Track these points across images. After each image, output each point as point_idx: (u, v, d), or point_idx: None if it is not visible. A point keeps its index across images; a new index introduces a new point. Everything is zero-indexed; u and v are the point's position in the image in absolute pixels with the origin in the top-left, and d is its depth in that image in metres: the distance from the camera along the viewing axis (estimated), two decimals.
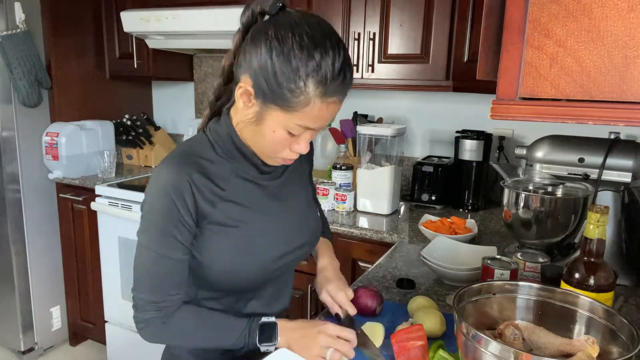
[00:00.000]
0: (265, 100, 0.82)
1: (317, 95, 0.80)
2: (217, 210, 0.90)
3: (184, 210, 0.86)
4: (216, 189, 0.90)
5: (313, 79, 0.78)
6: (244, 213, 0.93)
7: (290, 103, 0.80)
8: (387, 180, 2.00)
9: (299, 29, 0.79)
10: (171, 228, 0.87)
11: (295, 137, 0.87)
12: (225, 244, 0.92)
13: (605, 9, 0.65)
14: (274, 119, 0.84)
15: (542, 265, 1.23)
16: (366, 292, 1.13)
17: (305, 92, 0.79)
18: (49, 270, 2.74)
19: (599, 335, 0.82)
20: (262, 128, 0.86)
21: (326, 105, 0.82)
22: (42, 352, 2.76)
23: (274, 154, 0.90)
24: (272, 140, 0.87)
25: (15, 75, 2.40)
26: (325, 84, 0.79)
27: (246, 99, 0.85)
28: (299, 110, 0.81)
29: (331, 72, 0.79)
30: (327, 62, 0.78)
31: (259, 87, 0.82)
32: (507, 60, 0.73)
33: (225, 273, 0.93)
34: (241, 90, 0.85)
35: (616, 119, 0.68)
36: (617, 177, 1.34)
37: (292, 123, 0.83)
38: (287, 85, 0.79)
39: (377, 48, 2.08)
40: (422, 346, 0.92)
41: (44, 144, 2.56)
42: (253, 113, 0.86)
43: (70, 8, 2.63)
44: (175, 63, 2.89)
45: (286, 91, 0.79)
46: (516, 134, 2.23)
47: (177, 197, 0.85)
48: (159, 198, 0.87)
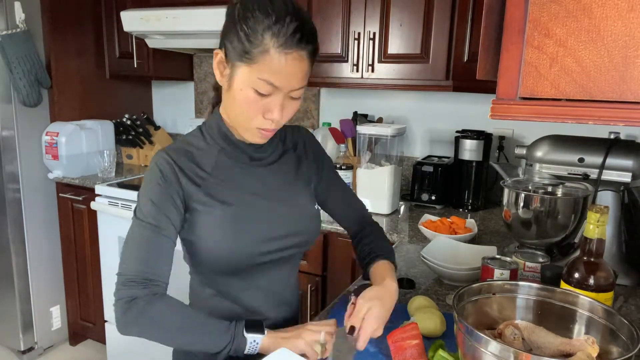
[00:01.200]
0: (233, 59, 0.89)
1: (273, 45, 0.85)
2: (201, 190, 0.96)
3: (172, 190, 0.93)
4: (201, 172, 0.97)
5: (269, 31, 0.85)
6: (229, 194, 0.98)
7: (250, 54, 0.86)
8: (387, 180, 2.00)
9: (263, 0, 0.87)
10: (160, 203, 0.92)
11: (266, 101, 0.90)
12: (211, 222, 0.96)
13: (605, 8, 0.65)
14: (240, 76, 0.89)
15: (542, 265, 1.23)
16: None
17: (263, 43, 0.85)
18: (48, 270, 2.74)
19: (598, 335, 0.82)
20: (233, 90, 0.91)
21: (284, 58, 0.86)
22: (42, 351, 2.76)
23: (247, 121, 0.93)
24: (242, 102, 0.90)
25: (15, 75, 2.40)
26: (280, 35, 0.85)
27: (222, 67, 0.93)
28: (259, 62, 0.86)
29: (286, 28, 0.85)
30: (284, 20, 0.85)
31: (228, 50, 0.90)
32: (507, 60, 0.73)
33: (213, 251, 0.96)
34: (217, 59, 0.93)
35: (616, 119, 0.68)
36: (617, 177, 1.34)
37: (255, 77, 0.87)
38: (246, 38, 0.86)
39: (377, 48, 2.08)
40: (418, 345, 0.92)
41: (43, 144, 2.56)
42: (227, 79, 0.92)
43: (70, 8, 2.63)
44: (175, 63, 2.89)
45: (246, 42, 0.86)
46: (516, 134, 2.23)
47: (163, 178, 0.93)
48: (150, 178, 0.94)
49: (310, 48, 0.89)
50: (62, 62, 2.64)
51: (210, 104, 1.08)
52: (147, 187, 0.94)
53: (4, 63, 2.40)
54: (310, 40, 0.89)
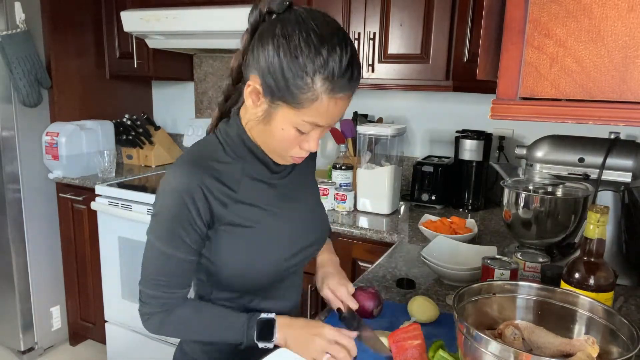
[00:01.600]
0: (274, 98, 0.83)
1: (324, 91, 0.80)
2: (229, 212, 0.91)
3: (196, 213, 0.88)
4: (228, 190, 0.91)
5: (320, 75, 0.78)
6: (256, 213, 0.95)
7: (298, 100, 0.80)
8: (387, 180, 2.00)
9: (305, 25, 0.79)
10: (180, 229, 0.88)
11: (305, 134, 0.87)
12: (238, 245, 0.93)
13: (605, 9, 0.65)
14: (283, 117, 0.84)
15: (542, 265, 1.23)
16: (364, 294, 1.12)
17: (312, 89, 0.79)
18: (49, 270, 2.74)
19: (599, 335, 0.82)
20: (271, 126, 0.87)
21: (334, 102, 0.82)
22: (42, 351, 2.76)
23: (284, 152, 0.91)
24: (281, 139, 0.87)
25: (15, 75, 2.40)
26: (333, 80, 0.79)
27: (255, 97, 0.86)
28: (307, 107, 0.81)
29: (338, 68, 0.79)
30: (335, 58, 0.78)
31: (267, 85, 0.82)
32: (507, 60, 0.73)
33: (238, 274, 0.95)
34: (250, 89, 0.85)
35: (616, 119, 0.68)
36: (617, 177, 1.34)
37: (301, 120, 0.83)
38: (294, 81, 0.79)
39: (377, 48, 2.08)
40: (420, 345, 0.92)
41: (44, 144, 2.56)
42: (262, 111, 0.86)
43: (70, 8, 2.63)
44: (175, 63, 2.89)
45: (293, 88, 0.79)
46: (516, 134, 2.23)
47: (190, 201, 0.87)
48: (171, 200, 0.88)
49: (358, 82, 0.85)
50: (62, 62, 2.64)
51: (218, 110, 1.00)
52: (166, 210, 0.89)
53: (4, 63, 2.40)
54: (359, 75, 0.84)
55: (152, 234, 0.91)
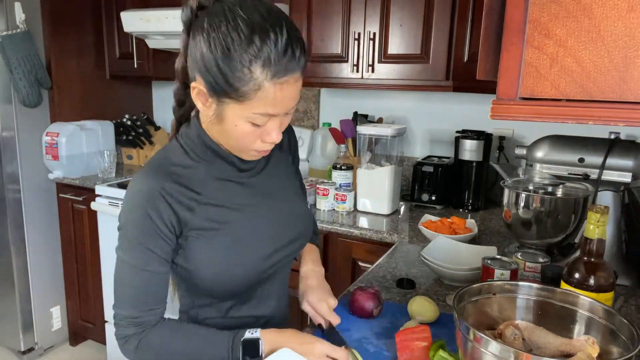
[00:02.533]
0: (219, 96, 0.79)
1: (265, 79, 0.76)
2: (196, 215, 0.88)
3: (160, 221, 0.84)
4: (192, 194, 0.88)
5: (257, 63, 0.75)
6: (225, 214, 0.91)
7: (241, 93, 0.77)
8: (387, 180, 2.00)
9: (232, 14, 0.75)
10: (147, 241, 0.85)
11: (263, 127, 0.83)
12: (211, 249, 0.89)
13: (605, 9, 0.65)
14: (232, 113, 0.81)
15: (542, 265, 1.23)
16: (364, 294, 1.12)
17: (252, 79, 0.76)
18: (49, 270, 2.74)
19: (599, 335, 0.82)
20: (225, 125, 0.83)
21: (280, 87, 0.77)
22: (42, 352, 2.76)
23: (246, 148, 0.87)
24: (238, 136, 0.84)
25: (15, 75, 2.40)
26: (271, 65, 0.75)
27: (203, 99, 0.83)
28: (253, 99, 0.77)
29: (275, 52, 0.75)
30: (268, 43, 0.74)
31: (210, 85, 0.79)
32: (507, 60, 0.73)
33: (215, 278, 0.91)
34: (195, 92, 0.83)
35: (616, 119, 0.68)
36: (617, 177, 1.34)
37: (251, 113, 0.80)
38: (232, 75, 0.76)
39: (377, 48, 2.08)
40: (427, 347, 0.92)
41: (44, 144, 2.56)
42: (212, 111, 0.83)
43: (70, 8, 2.63)
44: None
45: (233, 81, 0.76)
46: (516, 134, 2.23)
47: (151, 209, 0.84)
48: (133, 211, 0.85)
49: (303, 62, 0.79)
50: (62, 62, 2.64)
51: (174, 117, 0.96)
52: (132, 223, 0.85)
53: (4, 63, 2.40)
54: (302, 54, 0.79)
55: (120, 250, 0.88)
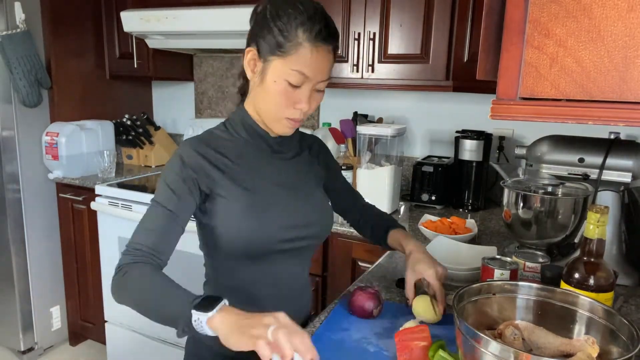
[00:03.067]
0: (266, 54, 0.97)
1: (305, 39, 0.94)
2: (225, 176, 1.00)
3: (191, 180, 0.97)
4: (225, 160, 1.02)
5: (302, 27, 0.94)
6: (252, 181, 1.03)
7: (284, 47, 0.94)
8: (387, 180, 2.00)
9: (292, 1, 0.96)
10: (175, 186, 0.97)
11: (296, 91, 0.97)
12: (235, 208, 0.99)
13: (605, 9, 0.65)
14: (275, 70, 0.96)
15: (542, 265, 1.23)
16: (364, 294, 1.12)
17: (295, 37, 0.94)
18: (49, 270, 2.74)
19: (599, 335, 0.82)
20: (266, 84, 0.98)
21: (316, 51, 0.95)
22: (42, 352, 2.76)
23: (279, 112, 0.99)
24: (275, 94, 0.97)
25: (15, 75, 2.40)
26: (312, 32, 0.94)
27: (252, 64, 1.00)
28: (292, 54, 0.94)
29: (317, 25, 0.94)
30: (314, 18, 0.95)
31: (261, 46, 0.97)
32: (507, 60, 0.73)
33: (235, 235, 0.99)
34: (249, 56, 1.00)
35: (616, 119, 0.68)
36: (617, 177, 1.34)
37: (289, 69, 0.95)
38: (280, 33, 0.94)
39: (377, 48, 2.08)
40: (426, 347, 0.92)
41: (43, 144, 2.56)
42: (259, 74, 0.99)
43: (70, 8, 2.63)
44: (175, 63, 2.89)
45: (279, 37, 0.94)
46: (516, 134, 2.23)
47: (186, 166, 0.98)
48: (172, 169, 0.99)
49: (335, 44, 0.99)
50: (62, 62, 2.64)
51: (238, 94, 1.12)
52: (167, 173, 0.99)
53: (4, 63, 2.40)
54: (335, 37, 0.99)
55: (153, 198, 0.99)
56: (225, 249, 1.02)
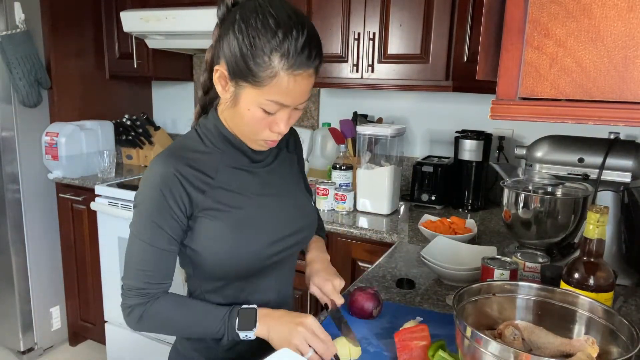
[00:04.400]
0: (238, 79, 0.87)
1: (282, 68, 0.83)
2: (207, 197, 0.93)
3: (172, 202, 0.90)
4: (205, 177, 0.94)
5: (277, 53, 0.83)
6: (235, 198, 0.97)
7: (258, 78, 0.84)
8: (387, 180, 2.00)
9: (262, 10, 0.84)
10: (160, 219, 0.91)
11: (273, 116, 0.89)
12: (218, 228, 0.94)
13: (605, 9, 0.65)
14: (248, 97, 0.88)
15: (541, 265, 1.23)
16: (363, 295, 1.12)
17: (270, 66, 0.83)
18: (48, 270, 2.74)
19: (598, 335, 0.82)
20: (239, 108, 0.90)
21: (294, 79, 0.85)
22: (41, 352, 2.76)
23: (255, 135, 0.93)
24: (249, 120, 0.90)
25: (15, 75, 2.40)
26: (289, 57, 0.83)
27: (223, 82, 0.90)
28: (268, 85, 0.85)
29: (294, 47, 0.83)
30: (290, 38, 0.83)
31: (231, 68, 0.87)
32: (507, 60, 0.73)
33: (221, 259, 0.95)
34: (217, 74, 0.90)
35: (616, 119, 0.68)
36: (617, 177, 1.34)
37: (264, 99, 0.86)
38: (253, 60, 0.83)
39: (377, 48, 2.08)
40: (425, 346, 0.92)
41: (43, 144, 2.56)
42: (230, 94, 0.90)
43: (70, 8, 2.63)
44: (175, 63, 2.89)
45: (253, 66, 0.84)
46: (516, 134, 2.23)
47: (165, 190, 0.90)
48: (148, 191, 0.91)
49: (318, 62, 0.88)
50: (62, 62, 2.64)
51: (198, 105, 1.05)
52: (147, 202, 0.91)
53: (3, 63, 2.40)
54: (318, 55, 0.87)
55: (133, 226, 0.94)
56: (213, 271, 0.98)
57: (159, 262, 0.93)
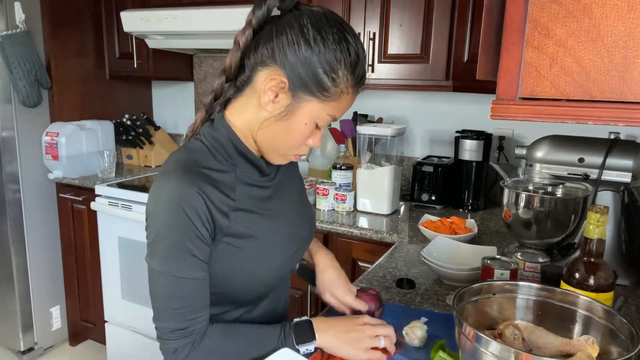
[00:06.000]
0: (302, 92, 0.81)
1: (351, 84, 0.82)
2: (230, 222, 0.85)
3: (199, 224, 0.81)
4: (226, 199, 0.85)
5: (350, 68, 0.80)
6: (256, 221, 0.90)
7: (329, 93, 0.81)
8: (387, 180, 2.00)
9: (327, 19, 0.81)
10: (188, 245, 0.81)
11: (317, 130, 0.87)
12: (243, 255, 0.88)
13: (605, 9, 0.65)
14: (308, 111, 0.83)
15: (542, 265, 1.23)
16: (365, 296, 1.12)
17: (345, 83, 0.81)
18: (49, 270, 2.74)
19: (598, 335, 0.82)
20: (291, 122, 0.84)
21: (354, 95, 0.84)
22: (42, 352, 2.76)
23: (292, 150, 0.88)
24: (298, 134, 0.85)
25: (15, 75, 2.40)
26: (358, 77, 0.82)
27: (274, 93, 0.82)
28: (335, 100, 0.82)
29: (362, 68, 0.82)
30: (361, 60, 0.82)
31: (296, 79, 0.80)
32: (507, 60, 0.73)
33: (242, 283, 0.91)
34: (273, 83, 0.81)
35: (616, 119, 0.68)
36: (617, 177, 1.34)
37: (324, 113, 0.83)
38: (330, 75, 0.80)
39: (377, 48, 2.08)
40: None
41: (43, 144, 2.56)
42: (282, 107, 0.83)
43: (70, 8, 2.63)
44: (175, 63, 2.89)
45: (328, 81, 0.80)
46: (516, 134, 2.23)
47: (191, 211, 0.79)
48: (168, 214, 0.80)
49: None
50: (62, 62, 2.63)
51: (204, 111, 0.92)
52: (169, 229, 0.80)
53: (4, 63, 2.40)
54: None
55: (154, 260, 0.82)
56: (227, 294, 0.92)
57: (195, 294, 0.83)
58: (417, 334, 0.99)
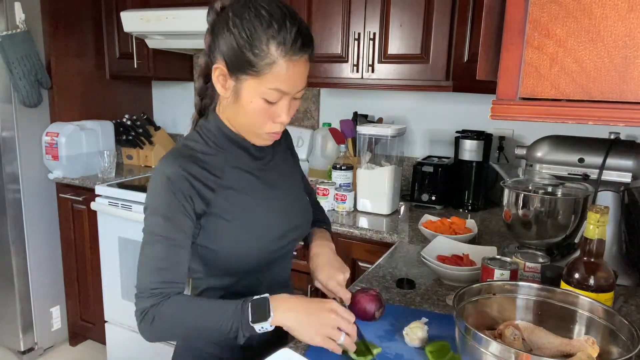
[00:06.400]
0: (238, 73, 0.89)
1: (280, 55, 0.87)
2: (217, 196, 0.95)
3: (183, 198, 0.91)
4: (213, 177, 0.96)
5: (274, 41, 0.86)
6: (244, 199, 0.99)
7: (258, 67, 0.87)
8: (387, 180, 2.00)
9: (253, 4, 0.88)
10: (173, 216, 0.91)
11: (274, 107, 0.92)
12: (232, 229, 0.96)
13: (605, 9, 0.65)
14: (249, 89, 0.90)
15: (542, 265, 1.23)
16: (365, 296, 1.12)
17: (269, 54, 0.86)
18: (49, 270, 2.74)
19: (599, 335, 0.82)
20: (241, 102, 0.92)
21: (292, 65, 0.88)
22: (42, 352, 2.76)
23: (259, 128, 0.95)
24: (252, 113, 0.92)
25: (15, 75, 2.40)
26: (285, 44, 0.87)
27: (222, 80, 0.93)
28: (267, 73, 0.87)
29: (289, 35, 0.87)
30: (284, 26, 0.87)
31: (230, 63, 0.89)
32: (507, 60, 0.73)
33: (236, 255, 0.98)
34: (217, 73, 0.92)
35: (616, 119, 0.68)
36: (617, 177, 1.34)
37: (265, 88, 0.89)
38: (251, 51, 0.86)
39: (377, 48, 2.08)
40: None
41: (43, 144, 2.56)
42: (230, 91, 0.93)
43: (70, 8, 2.63)
44: (175, 63, 2.89)
45: (252, 56, 0.87)
46: (516, 134, 2.23)
47: (175, 188, 0.91)
48: (159, 193, 0.92)
49: (311, 50, 0.92)
50: (62, 62, 2.64)
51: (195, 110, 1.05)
52: (157, 200, 0.92)
53: (4, 63, 2.40)
54: (311, 42, 0.91)
55: (146, 229, 0.93)
56: (223, 266, 1.00)
57: (173, 256, 0.91)
58: (417, 334, 0.99)
